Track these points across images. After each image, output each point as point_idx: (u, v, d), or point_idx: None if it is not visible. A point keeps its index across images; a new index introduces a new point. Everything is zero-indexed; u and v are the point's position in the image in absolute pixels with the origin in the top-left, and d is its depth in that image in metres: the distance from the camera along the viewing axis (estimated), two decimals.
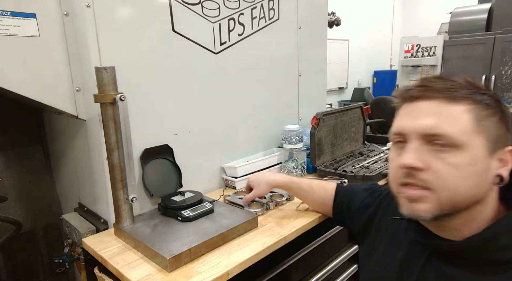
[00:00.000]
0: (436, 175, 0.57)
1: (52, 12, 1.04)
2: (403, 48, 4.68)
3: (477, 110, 0.57)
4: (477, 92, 0.58)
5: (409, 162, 0.58)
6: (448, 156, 0.56)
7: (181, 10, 1.24)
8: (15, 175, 1.40)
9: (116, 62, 1.02)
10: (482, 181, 0.58)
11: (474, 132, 0.56)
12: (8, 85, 0.99)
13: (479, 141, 0.56)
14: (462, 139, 0.56)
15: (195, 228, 1.03)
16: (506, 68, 3.67)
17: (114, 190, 1.03)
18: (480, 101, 0.58)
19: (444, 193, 0.57)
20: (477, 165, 0.56)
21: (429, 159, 0.57)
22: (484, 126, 0.57)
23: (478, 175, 0.57)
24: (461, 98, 0.57)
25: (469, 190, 0.57)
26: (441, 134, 0.56)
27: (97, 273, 1.04)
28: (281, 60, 1.69)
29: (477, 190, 0.58)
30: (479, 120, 0.57)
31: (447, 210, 0.58)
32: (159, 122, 1.24)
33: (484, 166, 0.57)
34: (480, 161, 0.57)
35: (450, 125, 0.56)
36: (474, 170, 0.56)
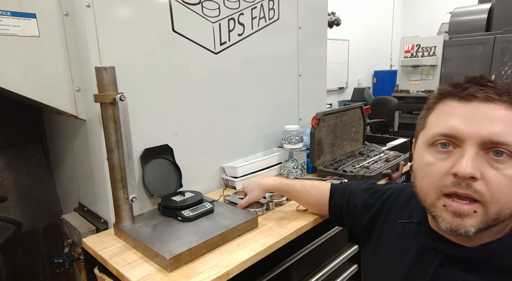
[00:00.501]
0: (490, 186, 0.53)
1: (52, 12, 1.04)
2: (403, 48, 4.68)
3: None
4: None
5: (469, 171, 0.52)
6: (505, 167, 0.52)
7: (181, 10, 1.24)
8: (15, 175, 1.40)
9: (116, 62, 1.02)
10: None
11: None
12: (8, 85, 0.99)
13: None
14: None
15: (195, 228, 1.03)
16: (506, 68, 3.67)
17: (114, 190, 1.03)
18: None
19: (494, 206, 0.53)
20: None
21: (483, 168, 0.53)
22: None
23: None
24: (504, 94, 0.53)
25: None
26: (506, 143, 0.52)
27: (97, 273, 1.04)
28: (281, 60, 1.69)
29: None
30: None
31: (491, 224, 0.55)
32: (159, 122, 1.24)
33: None
34: None
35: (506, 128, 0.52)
36: None
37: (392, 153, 1.73)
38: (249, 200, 1.18)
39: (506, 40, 3.63)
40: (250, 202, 1.19)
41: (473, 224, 0.54)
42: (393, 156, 1.68)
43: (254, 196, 1.18)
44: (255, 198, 1.18)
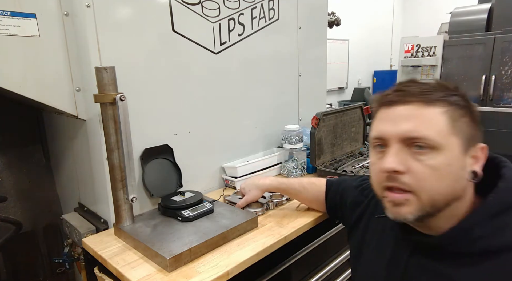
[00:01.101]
0: (416, 177, 0.59)
1: (52, 12, 1.04)
2: (403, 48, 4.68)
3: (451, 111, 0.59)
4: (450, 94, 0.61)
5: (390, 166, 0.60)
6: (426, 158, 0.58)
7: (181, 10, 1.24)
8: (15, 175, 1.40)
9: (116, 62, 1.02)
10: (459, 179, 0.60)
11: (450, 133, 0.59)
12: (8, 85, 0.99)
13: (455, 141, 0.59)
14: (440, 140, 0.58)
15: (195, 228, 1.03)
16: (506, 68, 3.67)
17: (114, 190, 1.03)
18: (453, 102, 0.60)
19: (424, 194, 0.59)
20: (453, 165, 0.59)
21: (409, 162, 0.59)
22: (458, 126, 0.59)
23: (455, 174, 0.59)
24: (437, 100, 0.60)
25: (448, 189, 0.59)
26: (420, 137, 0.58)
27: (97, 273, 1.04)
28: (281, 60, 1.69)
29: (455, 188, 0.60)
30: (453, 121, 0.59)
31: (428, 210, 0.61)
32: (159, 122, 1.24)
33: (460, 165, 0.60)
34: (457, 161, 0.59)
35: (427, 127, 0.58)
36: (451, 170, 0.59)
37: None
38: (247, 200, 1.19)
39: (506, 40, 3.62)
40: (248, 202, 1.20)
41: (409, 212, 0.61)
42: None
43: (252, 196, 1.18)
44: (253, 198, 1.19)
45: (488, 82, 3.80)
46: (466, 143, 0.60)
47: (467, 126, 0.60)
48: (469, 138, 0.60)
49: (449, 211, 0.62)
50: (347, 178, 1.07)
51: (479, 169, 0.61)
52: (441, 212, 0.61)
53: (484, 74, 3.86)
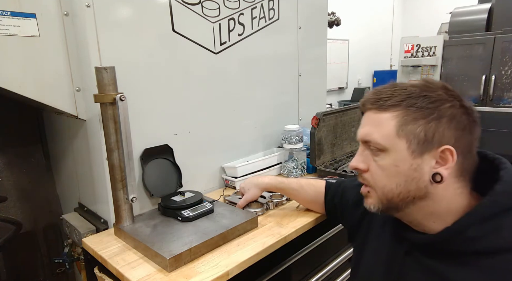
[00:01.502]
0: (372, 175, 0.67)
1: (52, 12, 1.04)
2: (403, 48, 4.68)
3: (402, 115, 0.62)
4: (415, 96, 0.62)
5: (352, 164, 0.70)
6: (378, 158, 0.66)
7: (181, 10, 1.24)
8: (15, 175, 1.40)
9: (116, 62, 1.02)
10: (412, 180, 0.63)
11: (396, 136, 0.63)
12: (8, 85, 0.99)
13: (401, 144, 0.62)
14: (384, 143, 0.64)
15: (195, 228, 1.03)
16: (506, 68, 3.67)
17: (114, 190, 1.03)
18: (411, 105, 0.62)
19: (378, 190, 0.67)
20: (401, 166, 0.63)
21: (370, 161, 0.67)
22: (408, 130, 0.62)
23: (404, 175, 0.63)
24: (390, 106, 0.64)
25: (398, 187, 0.64)
26: (370, 140, 0.66)
27: (97, 273, 1.04)
28: (281, 60, 1.69)
29: (407, 187, 0.63)
30: (402, 124, 0.62)
31: (387, 205, 0.67)
32: (159, 122, 1.24)
33: (409, 167, 0.62)
34: (404, 162, 0.63)
35: (376, 131, 0.65)
36: (399, 170, 0.63)
37: None
38: (247, 199, 1.18)
39: (506, 40, 3.62)
40: (248, 202, 1.19)
41: (372, 203, 0.69)
42: None
43: (251, 195, 1.18)
44: (252, 197, 1.18)
45: (488, 82, 3.80)
46: (420, 145, 0.61)
47: (423, 128, 0.61)
48: (424, 140, 0.61)
49: (419, 208, 0.65)
50: (345, 179, 1.08)
51: (445, 172, 0.61)
52: (407, 208, 0.66)
53: (484, 74, 3.86)
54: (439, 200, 0.63)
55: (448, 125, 0.60)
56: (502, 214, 0.59)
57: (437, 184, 0.62)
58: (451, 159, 0.61)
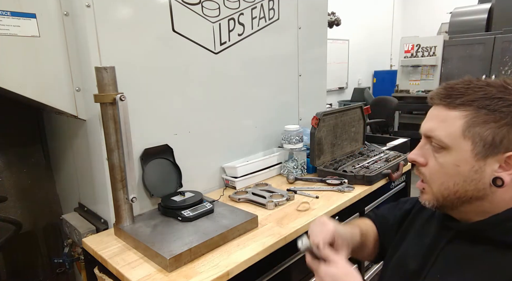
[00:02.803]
0: (430, 171, 0.67)
1: (52, 12, 1.04)
2: (403, 48, 4.68)
3: (472, 116, 0.61)
4: (489, 97, 0.60)
5: (410, 157, 0.70)
6: (439, 155, 0.65)
7: (181, 10, 1.24)
8: (15, 175, 1.40)
9: (116, 62, 1.02)
10: (471, 181, 0.62)
11: (462, 137, 0.62)
12: (8, 85, 0.99)
13: (466, 145, 0.61)
14: (448, 142, 0.63)
15: (195, 228, 1.03)
16: (506, 68, 3.67)
17: (114, 190, 1.03)
18: (483, 107, 0.60)
19: (434, 187, 0.67)
20: (462, 166, 0.62)
21: (429, 156, 0.67)
22: (475, 131, 0.61)
23: (463, 175, 0.63)
24: (460, 105, 0.62)
25: (456, 186, 0.64)
26: (433, 136, 0.65)
27: (97, 273, 1.04)
28: (281, 60, 1.69)
29: (465, 188, 0.63)
30: (470, 126, 0.61)
31: (442, 202, 0.66)
32: (159, 122, 1.24)
33: (471, 168, 0.62)
34: (466, 163, 0.62)
35: (441, 128, 0.64)
36: (459, 170, 0.63)
37: (392, 153, 1.73)
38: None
39: (506, 40, 3.63)
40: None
41: (426, 199, 0.69)
42: (393, 156, 1.68)
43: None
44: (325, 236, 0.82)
45: None
46: (486, 148, 0.60)
47: (492, 132, 0.59)
48: (492, 144, 0.60)
49: (474, 207, 0.64)
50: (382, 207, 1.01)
51: (506, 177, 0.60)
52: (462, 206, 0.65)
53: (484, 74, 3.86)
54: (497, 202, 0.63)
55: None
56: None
57: (498, 187, 0.61)
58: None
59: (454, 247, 0.68)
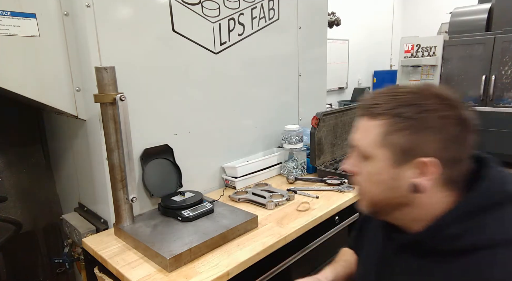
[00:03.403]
0: (360, 180, 0.68)
1: (52, 12, 1.04)
2: (403, 48, 4.68)
3: (388, 124, 0.61)
4: (405, 105, 0.61)
5: (343, 167, 0.73)
6: (364, 165, 0.66)
7: (181, 10, 1.24)
8: (15, 175, 1.40)
9: (116, 62, 1.02)
10: (393, 189, 0.63)
11: (380, 146, 0.63)
12: (8, 85, 0.99)
13: (384, 154, 0.62)
14: (369, 151, 0.64)
15: (195, 228, 1.03)
16: (506, 68, 3.67)
17: (114, 190, 1.03)
18: (398, 114, 0.60)
19: (365, 195, 0.69)
20: (383, 174, 0.63)
21: (360, 165, 0.68)
22: (391, 139, 0.61)
23: (386, 183, 0.64)
24: (379, 114, 0.63)
25: (382, 194, 0.65)
26: (358, 146, 0.67)
27: (97, 273, 1.04)
28: (281, 60, 1.69)
29: (390, 195, 0.64)
30: (386, 134, 0.62)
31: (375, 208, 0.68)
32: (159, 122, 1.24)
33: (391, 176, 0.62)
34: (385, 171, 0.63)
35: (363, 138, 0.65)
36: (381, 179, 0.64)
37: None
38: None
39: (506, 40, 3.63)
40: None
41: (362, 204, 0.70)
42: None
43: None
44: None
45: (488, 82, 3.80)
46: (400, 155, 0.61)
47: (406, 139, 0.60)
48: (405, 151, 0.60)
49: (406, 214, 0.65)
50: None
51: (423, 182, 0.60)
52: (394, 213, 0.66)
53: (484, 74, 3.86)
54: (425, 208, 0.63)
55: (434, 137, 0.59)
56: (484, 211, 0.58)
57: (419, 193, 0.61)
58: (433, 171, 0.59)
59: (402, 262, 0.68)
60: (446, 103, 0.60)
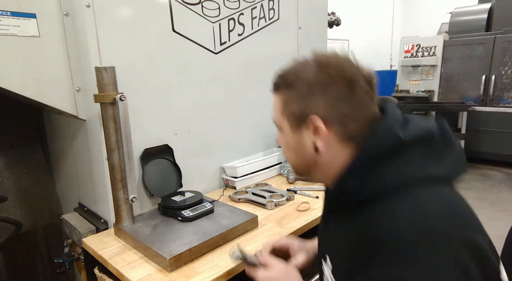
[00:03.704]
0: (282, 150, 0.74)
1: (52, 12, 1.04)
2: (403, 48, 4.68)
3: (284, 96, 0.68)
4: (295, 76, 0.66)
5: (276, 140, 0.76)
6: (281, 136, 0.72)
7: (181, 10, 1.24)
8: (15, 175, 1.40)
9: (116, 62, 1.02)
10: (300, 153, 0.68)
11: (282, 117, 0.69)
12: (8, 85, 0.99)
13: (286, 123, 0.68)
14: (278, 123, 0.71)
15: (195, 228, 1.03)
16: (506, 68, 3.67)
17: (114, 190, 1.03)
18: (290, 85, 0.66)
19: (289, 162, 0.74)
20: (290, 142, 0.69)
21: (280, 139, 0.73)
22: (288, 108, 0.67)
23: (295, 149, 0.69)
24: (277, 88, 0.69)
25: (296, 159, 0.71)
26: (273, 121, 0.73)
27: (97, 273, 1.04)
28: (281, 60, 1.68)
29: (301, 160, 0.69)
30: (284, 105, 0.68)
31: (299, 173, 0.74)
32: (159, 122, 1.24)
33: (296, 142, 0.68)
34: (291, 138, 0.68)
35: (274, 113, 0.72)
36: (290, 146, 0.70)
37: None
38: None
39: (506, 40, 3.63)
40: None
41: (293, 171, 0.77)
42: None
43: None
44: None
45: (488, 82, 3.80)
46: (296, 120, 0.66)
47: (296, 105, 0.65)
48: (298, 116, 0.65)
49: (320, 175, 0.69)
50: None
51: (319, 142, 0.64)
52: (312, 175, 0.70)
53: (484, 74, 3.86)
54: (329, 166, 0.66)
55: (320, 99, 0.62)
56: (377, 162, 0.59)
57: (321, 153, 0.65)
58: (324, 130, 0.62)
59: (331, 219, 0.73)
60: (326, 67, 0.64)
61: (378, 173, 0.59)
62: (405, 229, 0.52)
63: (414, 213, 0.54)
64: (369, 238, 0.56)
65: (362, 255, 0.56)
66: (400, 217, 0.54)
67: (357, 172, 0.61)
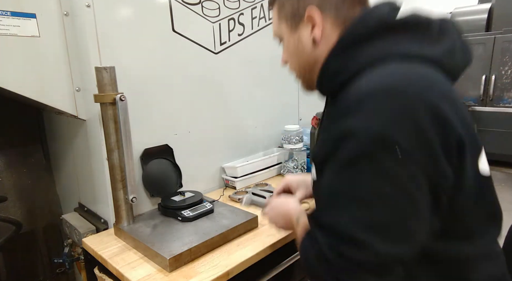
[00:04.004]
0: (289, 65, 0.77)
1: (52, 12, 1.04)
2: None
3: (278, 4, 0.71)
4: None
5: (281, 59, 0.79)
6: (283, 48, 0.74)
7: (181, 10, 1.24)
8: (15, 175, 1.40)
9: (116, 62, 1.02)
10: (302, 52, 0.70)
11: (279, 23, 0.72)
12: (8, 85, 0.99)
13: (284, 27, 0.71)
14: (278, 32, 0.73)
15: (195, 228, 1.03)
16: (506, 68, 3.67)
17: (114, 190, 1.03)
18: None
19: (297, 75, 0.76)
20: (290, 45, 0.71)
21: (283, 53, 0.76)
22: (283, 13, 0.70)
23: (296, 51, 0.71)
24: (274, 2, 0.72)
25: (300, 63, 0.72)
26: (274, 36, 0.76)
27: (97, 273, 1.04)
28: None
29: (303, 60, 0.71)
30: (279, 11, 0.71)
31: (302, 75, 0.75)
32: (159, 122, 1.24)
33: (296, 42, 0.70)
34: (291, 40, 0.70)
35: (273, 26, 0.75)
36: (292, 50, 0.72)
37: None
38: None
39: (506, 40, 3.63)
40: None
41: (303, 86, 0.77)
42: None
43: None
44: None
45: (488, 82, 3.80)
46: (293, 19, 0.68)
47: (290, 5, 0.67)
48: (294, 14, 0.67)
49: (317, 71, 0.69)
50: None
51: (316, 31, 0.65)
52: (312, 73, 0.70)
53: (484, 74, 3.86)
54: (324, 56, 0.66)
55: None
56: (358, 43, 0.59)
57: (318, 45, 0.66)
58: (319, 18, 0.64)
59: (326, 111, 0.77)
60: None
61: (359, 53, 0.59)
62: (364, 86, 0.53)
63: (380, 75, 0.54)
64: (339, 108, 0.56)
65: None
66: (365, 80, 0.54)
67: (338, 52, 0.62)
